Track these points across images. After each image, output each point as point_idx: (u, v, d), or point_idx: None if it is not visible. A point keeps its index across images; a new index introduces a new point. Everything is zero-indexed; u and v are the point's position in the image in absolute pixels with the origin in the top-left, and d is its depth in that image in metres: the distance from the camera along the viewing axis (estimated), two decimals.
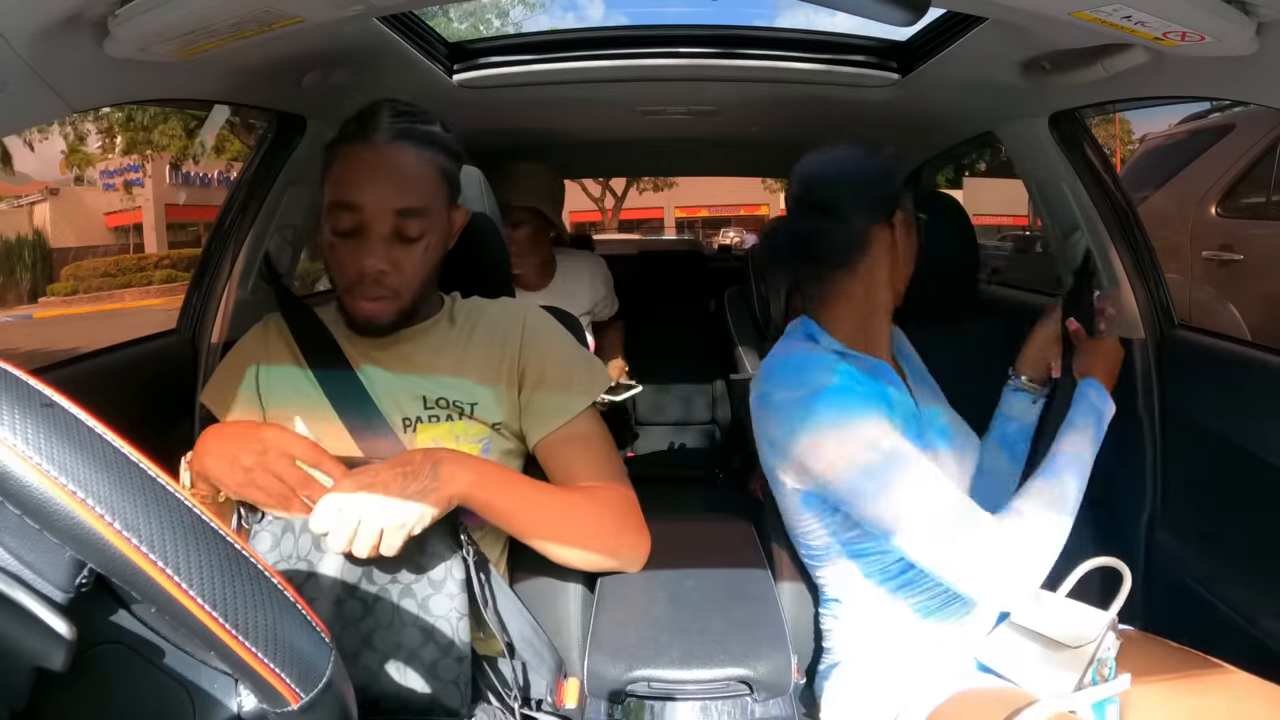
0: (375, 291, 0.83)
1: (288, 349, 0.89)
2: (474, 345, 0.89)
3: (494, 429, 0.86)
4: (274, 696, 0.38)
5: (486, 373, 0.87)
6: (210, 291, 1.37)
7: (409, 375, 0.87)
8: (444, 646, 0.72)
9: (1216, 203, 3.07)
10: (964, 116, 1.54)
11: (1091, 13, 0.77)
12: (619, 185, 17.08)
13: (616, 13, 14.54)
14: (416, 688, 0.71)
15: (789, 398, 0.88)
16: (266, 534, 0.76)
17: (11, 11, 0.69)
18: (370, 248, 0.81)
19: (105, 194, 13.49)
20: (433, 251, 0.86)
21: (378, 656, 0.70)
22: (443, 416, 0.85)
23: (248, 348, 0.92)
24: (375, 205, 0.81)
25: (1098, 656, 0.84)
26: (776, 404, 0.89)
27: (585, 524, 0.81)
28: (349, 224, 0.82)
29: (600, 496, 0.83)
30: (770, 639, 0.75)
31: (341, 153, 0.83)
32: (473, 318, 0.92)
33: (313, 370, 0.86)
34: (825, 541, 0.93)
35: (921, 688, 0.86)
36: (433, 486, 0.70)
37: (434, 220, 0.85)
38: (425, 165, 0.84)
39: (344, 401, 0.84)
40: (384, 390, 0.86)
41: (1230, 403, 1.15)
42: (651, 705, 0.72)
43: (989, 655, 0.91)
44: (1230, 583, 1.10)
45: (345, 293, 0.85)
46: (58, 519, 0.33)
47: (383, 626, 0.72)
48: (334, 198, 0.82)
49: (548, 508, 0.80)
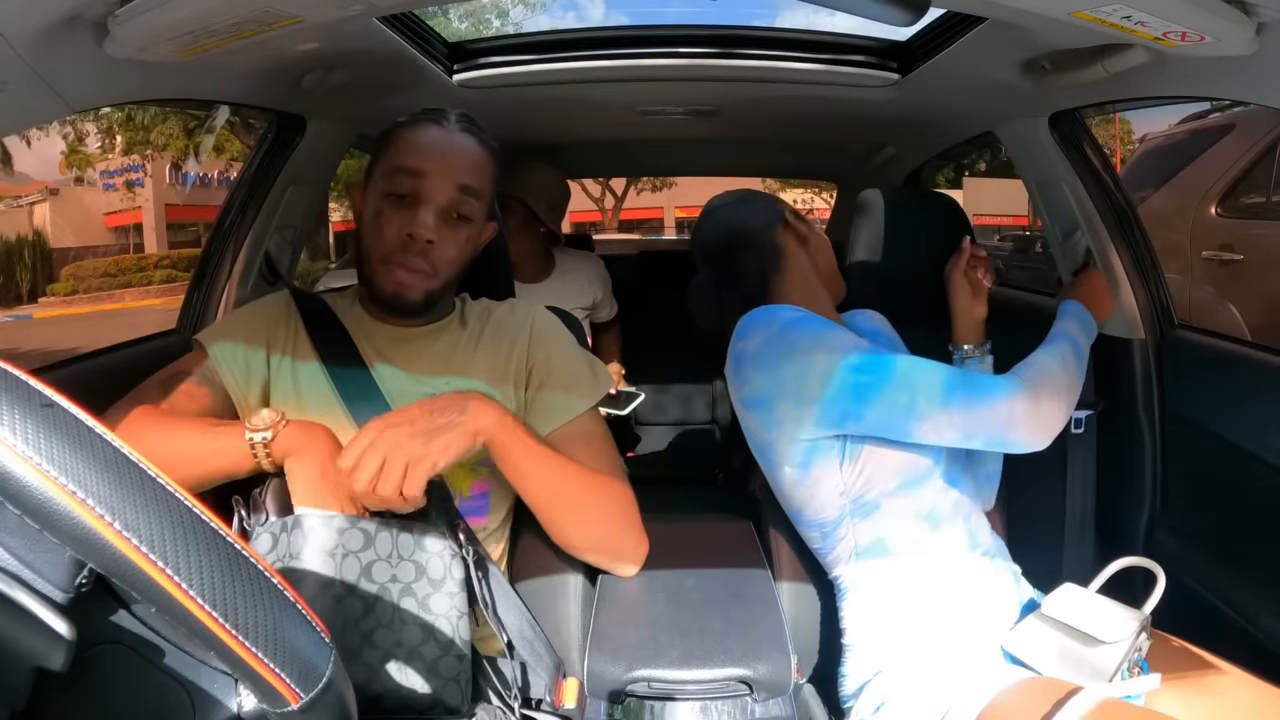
0: (417, 262, 0.84)
1: (302, 337, 0.89)
2: (484, 346, 0.90)
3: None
4: (274, 696, 0.38)
5: (495, 373, 0.88)
6: (210, 291, 1.37)
7: (421, 375, 0.87)
8: (444, 644, 0.72)
9: (1216, 203, 3.07)
10: (964, 116, 1.54)
11: (1091, 13, 0.77)
12: (619, 185, 17.07)
13: (616, 13, 14.54)
14: (417, 686, 0.71)
15: (762, 339, 0.92)
16: (267, 535, 0.75)
17: (11, 11, 0.69)
18: (423, 216, 0.83)
19: (105, 194, 13.47)
20: (470, 245, 0.88)
21: (378, 654, 0.70)
22: None
23: (268, 314, 0.90)
24: (440, 173, 0.83)
25: (1129, 655, 0.84)
26: (753, 353, 0.92)
27: (597, 506, 0.82)
28: (407, 187, 0.83)
29: (608, 483, 0.83)
30: (770, 639, 0.75)
31: (407, 129, 0.86)
32: (482, 319, 0.92)
33: (326, 365, 0.86)
34: (837, 509, 0.93)
35: (962, 684, 0.85)
36: (459, 420, 0.71)
37: (481, 211, 0.88)
38: (486, 160, 0.88)
39: (356, 399, 0.84)
40: (396, 389, 0.86)
41: (1230, 403, 1.15)
42: (651, 705, 0.72)
43: (1017, 646, 0.90)
44: (1230, 583, 1.10)
45: (383, 261, 0.85)
46: (58, 519, 0.33)
47: (383, 625, 0.72)
48: (396, 162, 0.84)
49: (565, 477, 0.80)
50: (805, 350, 0.88)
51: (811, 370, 0.87)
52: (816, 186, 13.76)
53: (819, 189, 14.25)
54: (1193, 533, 1.21)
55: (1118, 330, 1.32)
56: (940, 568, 0.92)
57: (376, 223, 0.84)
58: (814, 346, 0.89)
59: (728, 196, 1.11)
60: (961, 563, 0.93)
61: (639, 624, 0.78)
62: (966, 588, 0.92)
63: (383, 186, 0.84)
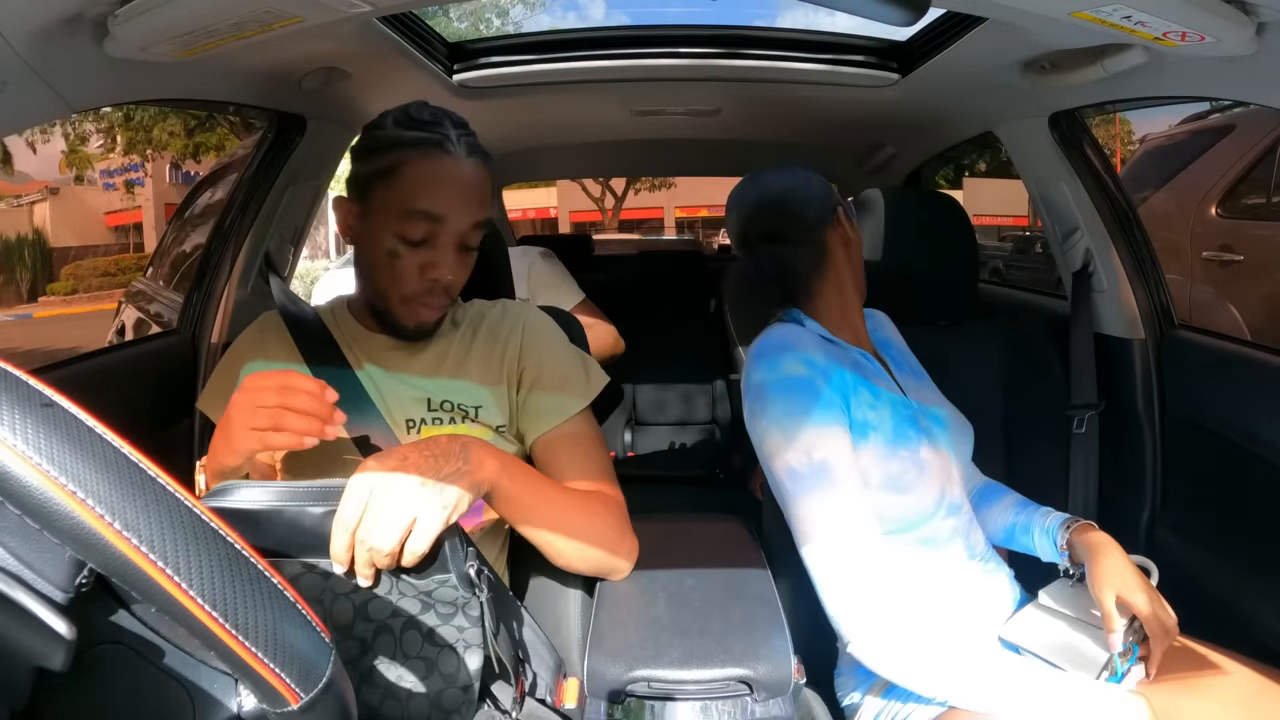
0: (439, 300, 0.84)
1: (285, 347, 0.89)
2: (476, 347, 0.89)
3: (497, 432, 0.86)
4: (274, 696, 0.38)
5: (489, 375, 0.88)
6: (210, 291, 1.37)
7: (413, 377, 0.87)
8: (449, 677, 0.67)
9: (1216, 203, 3.07)
10: (964, 116, 1.54)
11: (1091, 13, 0.77)
12: (619, 185, 17.08)
13: (617, 13, 14.54)
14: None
15: (764, 380, 0.90)
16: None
17: (11, 11, 0.69)
18: (443, 258, 0.82)
19: (105, 193, 13.48)
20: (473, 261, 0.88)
21: (378, 692, 0.66)
22: (446, 420, 0.85)
23: (242, 349, 0.91)
24: (457, 215, 0.81)
25: (1126, 641, 0.85)
26: (754, 385, 0.91)
27: (595, 528, 0.81)
28: (423, 233, 0.81)
29: (601, 499, 0.83)
30: (770, 639, 0.75)
31: (414, 162, 0.81)
32: (475, 321, 0.92)
33: (311, 369, 0.86)
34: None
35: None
36: (466, 469, 0.66)
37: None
38: (489, 180, 0.86)
39: (343, 403, 0.83)
40: (388, 392, 0.86)
41: (1230, 403, 1.15)
42: (651, 705, 0.72)
43: (1014, 633, 0.91)
44: (1230, 582, 1.10)
45: (403, 301, 0.84)
46: (58, 519, 0.33)
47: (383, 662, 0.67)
48: (410, 206, 0.80)
49: (566, 507, 0.79)
50: (775, 420, 0.88)
51: (767, 441, 0.88)
52: None
53: None
54: (1193, 531, 1.21)
55: (1118, 330, 1.32)
56: (938, 577, 0.92)
57: (392, 264, 0.82)
58: (779, 422, 0.87)
59: (777, 176, 1.01)
60: (959, 571, 0.93)
61: (639, 624, 0.78)
62: (963, 591, 0.93)
63: (395, 227, 0.81)
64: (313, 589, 0.63)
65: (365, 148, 0.84)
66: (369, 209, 0.83)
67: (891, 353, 1.06)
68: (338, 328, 0.90)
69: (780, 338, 0.92)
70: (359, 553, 0.61)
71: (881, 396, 0.91)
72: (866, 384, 0.91)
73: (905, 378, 1.02)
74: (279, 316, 0.93)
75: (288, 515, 0.61)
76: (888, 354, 1.05)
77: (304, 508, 0.61)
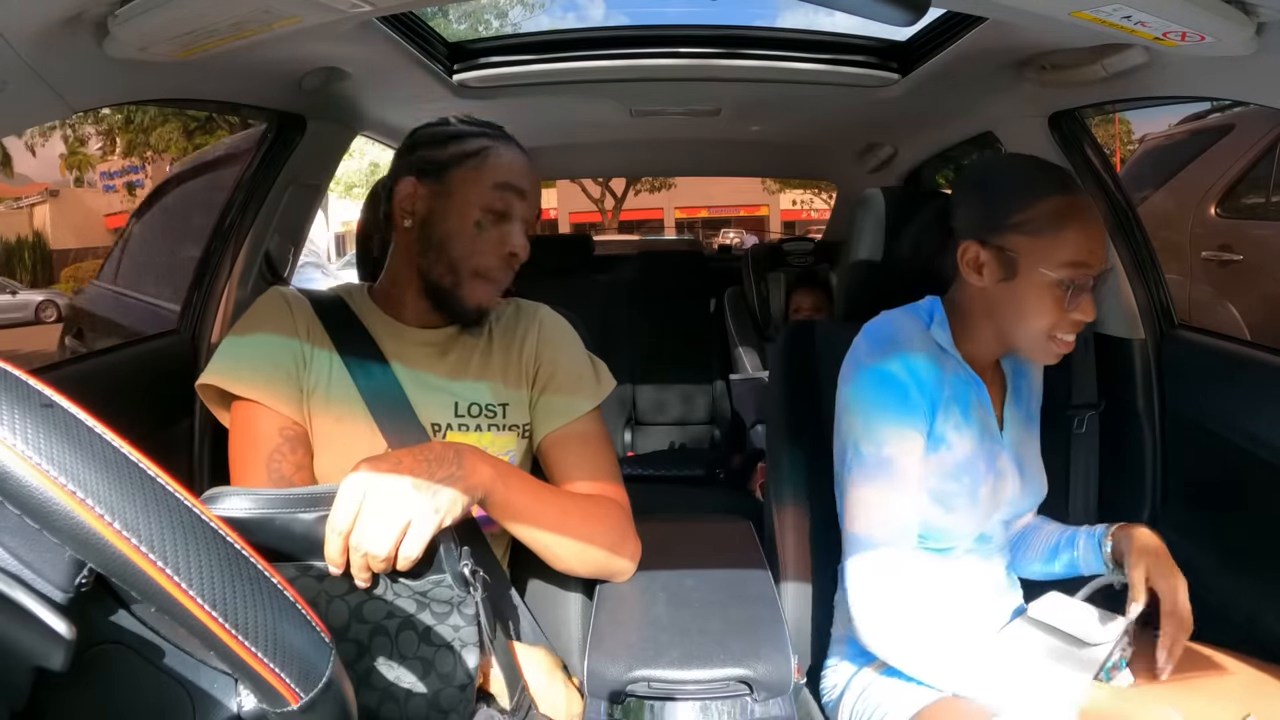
0: (507, 279, 0.87)
1: (317, 332, 0.85)
2: (496, 347, 0.90)
3: (521, 432, 0.87)
4: (274, 696, 0.38)
5: (510, 373, 0.88)
6: (210, 291, 1.36)
7: (440, 379, 0.86)
8: (446, 676, 0.68)
9: (1216, 203, 3.07)
10: (964, 116, 1.54)
11: (1091, 13, 0.77)
12: (619, 186, 17.08)
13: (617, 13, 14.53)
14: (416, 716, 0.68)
15: (864, 363, 0.90)
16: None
17: (11, 11, 0.69)
18: (521, 235, 0.86)
19: (105, 195, 13.49)
20: None
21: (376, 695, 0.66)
22: (472, 426, 0.85)
23: (273, 324, 0.84)
24: (533, 198, 0.88)
25: (1111, 659, 0.84)
26: (856, 360, 0.92)
27: (596, 533, 0.81)
28: (511, 206, 0.86)
29: (602, 503, 0.83)
30: (770, 639, 0.75)
31: (498, 148, 0.87)
32: (489, 319, 0.91)
33: (345, 359, 0.83)
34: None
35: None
36: (459, 474, 0.67)
37: None
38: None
39: (378, 399, 0.82)
40: (414, 393, 0.84)
41: (1230, 402, 1.15)
42: (651, 705, 0.72)
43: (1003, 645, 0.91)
44: (1230, 581, 1.10)
45: (476, 274, 0.85)
46: (58, 519, 0.33)
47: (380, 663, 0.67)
48: (502, 179, 0.85)
49: (564, 513, 0.79)
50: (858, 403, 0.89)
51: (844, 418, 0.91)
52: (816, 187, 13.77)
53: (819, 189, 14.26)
54: (1193, 531, 1.20)
55: (1118, 330, 1.32)
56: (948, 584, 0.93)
57: (477, 235, 0.84)
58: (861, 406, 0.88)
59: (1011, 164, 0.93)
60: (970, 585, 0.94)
61: (639, 624, 0.78)
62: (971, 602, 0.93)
63: (484, 201, 0.84)
64: (308, 592, 0.63)
65: (442, 137, 0.88)
66: (448, 188, 0.85)
67: (1020, 384, 1.00)
68: (363, 316, 0.88)
69: (895, 330, 0.91)
70: (354, 557, 0.62)
71: (971, 421, 0.90)
72: (960, 404, 0.90)
73: (1015, 415, 0.97)
74: (297, 293, 0.89)
75: (279, 522, 0.60)
76: (1015, 384, 0.99)
77: (294, 514, 0.61)
